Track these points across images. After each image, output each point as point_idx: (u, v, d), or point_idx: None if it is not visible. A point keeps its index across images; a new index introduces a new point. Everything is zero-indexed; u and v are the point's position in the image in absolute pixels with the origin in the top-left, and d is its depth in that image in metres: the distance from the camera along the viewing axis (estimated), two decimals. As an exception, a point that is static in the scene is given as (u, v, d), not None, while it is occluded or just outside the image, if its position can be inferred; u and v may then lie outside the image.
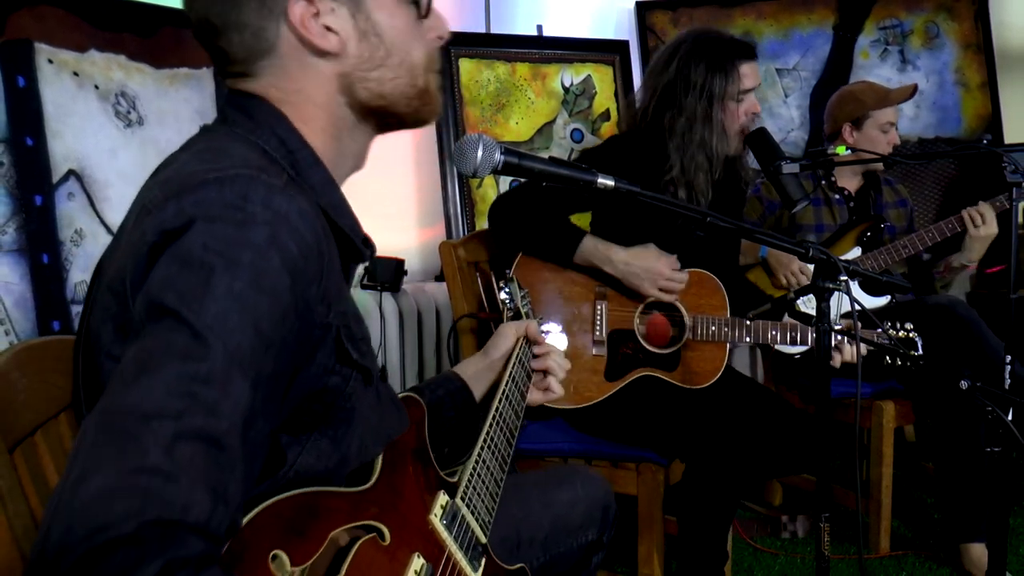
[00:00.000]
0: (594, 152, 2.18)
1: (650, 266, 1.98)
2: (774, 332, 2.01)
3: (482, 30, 3.20)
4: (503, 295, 1.56)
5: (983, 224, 2.45)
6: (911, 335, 1.92)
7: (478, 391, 1.35)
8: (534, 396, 1.40)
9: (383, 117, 0.99)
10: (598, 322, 2.02)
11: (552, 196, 1.99)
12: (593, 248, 1.99)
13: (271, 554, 0.79)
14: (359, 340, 0.93)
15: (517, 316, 1.55)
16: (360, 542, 0.87)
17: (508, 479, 1.22)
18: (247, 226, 0.77)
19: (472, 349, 2.15)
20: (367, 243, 1.01)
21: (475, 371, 1.37)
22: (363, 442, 0.96)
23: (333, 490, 0.90)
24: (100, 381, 0.86)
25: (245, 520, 0.78)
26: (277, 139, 0.92)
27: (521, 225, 2.02)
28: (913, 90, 2.67)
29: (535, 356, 1.41)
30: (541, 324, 1.48)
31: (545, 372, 1.42)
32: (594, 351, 2.01)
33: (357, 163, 1.02)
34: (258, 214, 0.78)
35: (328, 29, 0.92)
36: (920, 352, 1.90)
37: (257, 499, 0.80)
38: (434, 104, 1.01)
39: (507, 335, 1.39)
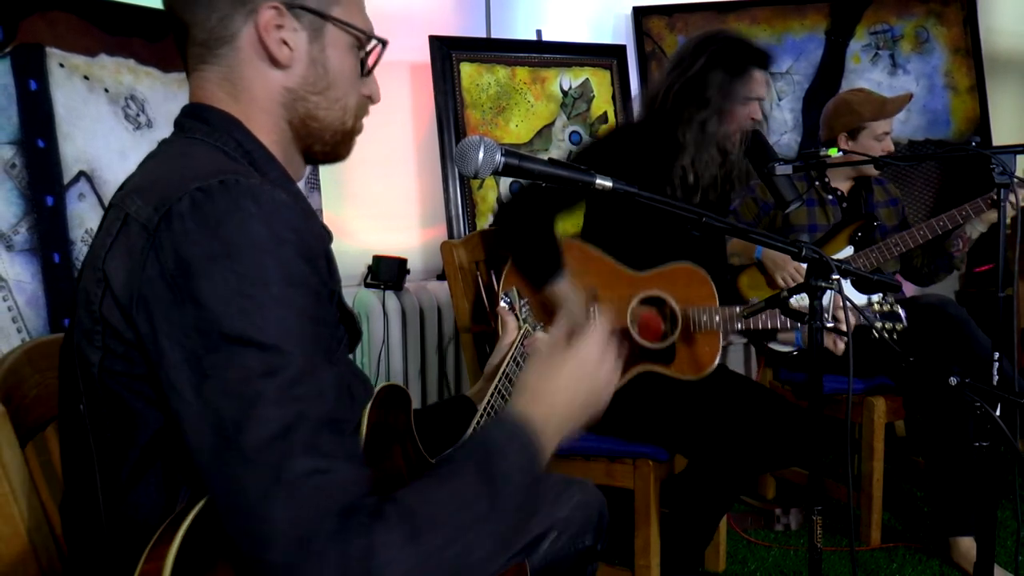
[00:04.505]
0: (598, 145, 2.21)
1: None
2: (765, 319, 2.05)
3: (483, 35, 3.25)
4: (503, 303, 1.61)
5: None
6: (895, 307, 1.92)
7: (479, 400, 1.41)
8: None
9: (310, 142, 1.06)
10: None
11: (551, 193, 2.04)
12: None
13: None
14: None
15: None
16: None
17: None
18: (249, 232, 0.81)
19: (471, 354, 2.20)
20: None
21: (477, 387, 1.42)
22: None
23: None
24: (91, 374, 0.90)
25: None
26: (234, 141, 0.98)
27: (512, 240, 2.10)
28: (908, 99, 2.66)
29: None
30: (537, 331, 1.52)
31: None
32: None
33: (296, 177, 1.09)
34: (254, 216, 0.82)
35: (284, 43, 0.99)
36: (904, 323, 1.89)
37: None
38: (350, 146, 1.11)
39: (504, 340, 1.44)
